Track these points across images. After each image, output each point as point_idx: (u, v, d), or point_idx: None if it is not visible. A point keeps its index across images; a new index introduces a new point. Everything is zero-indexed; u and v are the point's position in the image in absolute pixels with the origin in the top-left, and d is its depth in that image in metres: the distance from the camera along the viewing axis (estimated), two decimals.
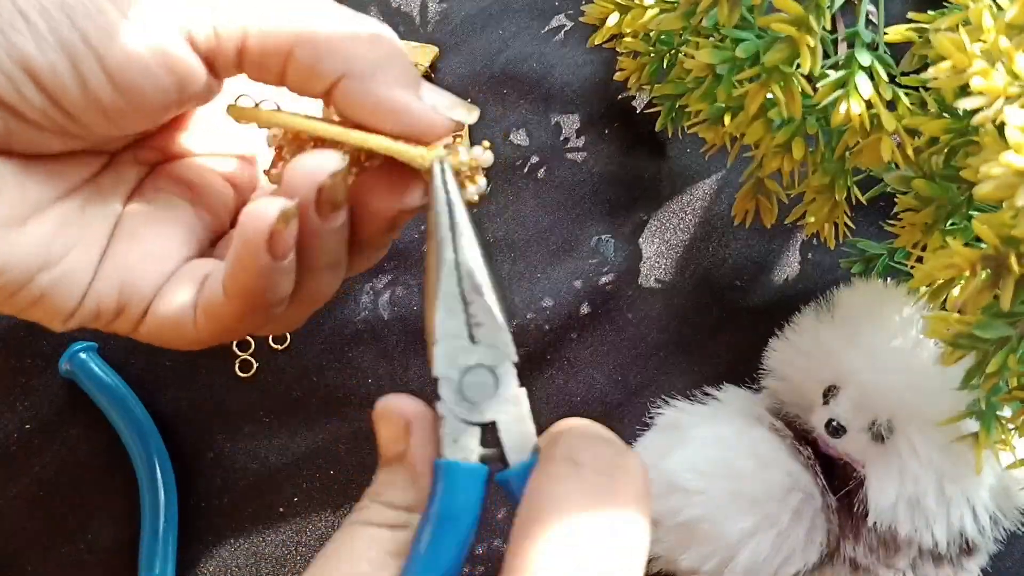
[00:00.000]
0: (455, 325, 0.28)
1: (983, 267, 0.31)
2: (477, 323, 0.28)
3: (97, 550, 0.47)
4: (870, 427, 0.41)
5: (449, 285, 0.28)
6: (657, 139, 0.52)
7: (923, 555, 0.41)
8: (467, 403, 0.28)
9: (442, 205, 0.29)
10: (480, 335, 0.28)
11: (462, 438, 0.28)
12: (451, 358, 0.28)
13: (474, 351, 0.28)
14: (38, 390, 0.48)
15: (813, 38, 0.36)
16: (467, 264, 0.28)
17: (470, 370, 0.28)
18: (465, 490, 0.27)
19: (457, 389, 0.28)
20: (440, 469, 0.27)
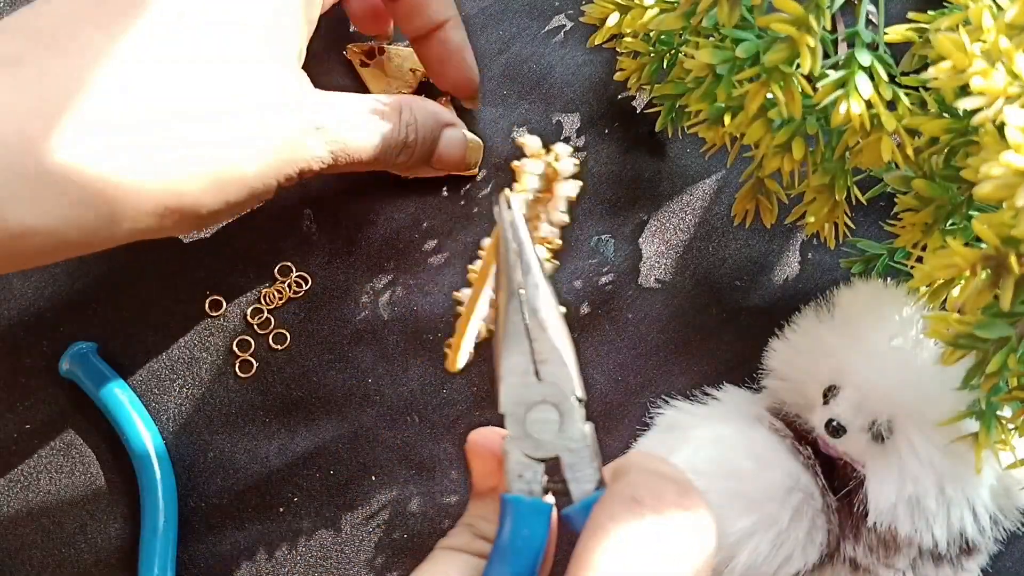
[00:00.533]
0: (520, 362, 0.29)
1: (983, 267, 0.31)
2: (542, 360, 0.29)
3: (97, 550, 0.47)
4: (870, 427, 0.41)
5: (515, 322, 0.29)
6: (657, 139, 0.52)
7: (923, 555, 0.41)
8: (532, 439, 0.29)
9: (510, 242, 0.30)
10: (545, 372, 0.29)
11: (527, 473, 0.28)
12: (516, 395, 0.29)
13: (539, 388, 0.29)
14: (38, 390, 0.48)
15: (813, 38, 0.36)
16: (533, 301, 0.29)
17: (535, 406, 0.29)
18: (529, 524, 0.27)
19: (522, 425, 0.29)
20: (506, 503, 0.28)
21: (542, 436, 0.29)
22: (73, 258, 0.48)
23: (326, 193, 0.50)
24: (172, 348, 0.48)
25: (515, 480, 0.28)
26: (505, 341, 0.29)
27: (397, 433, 0.49)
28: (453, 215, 0.50)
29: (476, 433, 0.30)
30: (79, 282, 0.48)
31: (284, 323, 0.49)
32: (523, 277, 0.29)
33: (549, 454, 0.28)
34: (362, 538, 0.48)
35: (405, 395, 0.49)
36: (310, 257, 0.50)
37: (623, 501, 0.26)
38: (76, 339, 0.47)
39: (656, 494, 0.26)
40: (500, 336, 0.29)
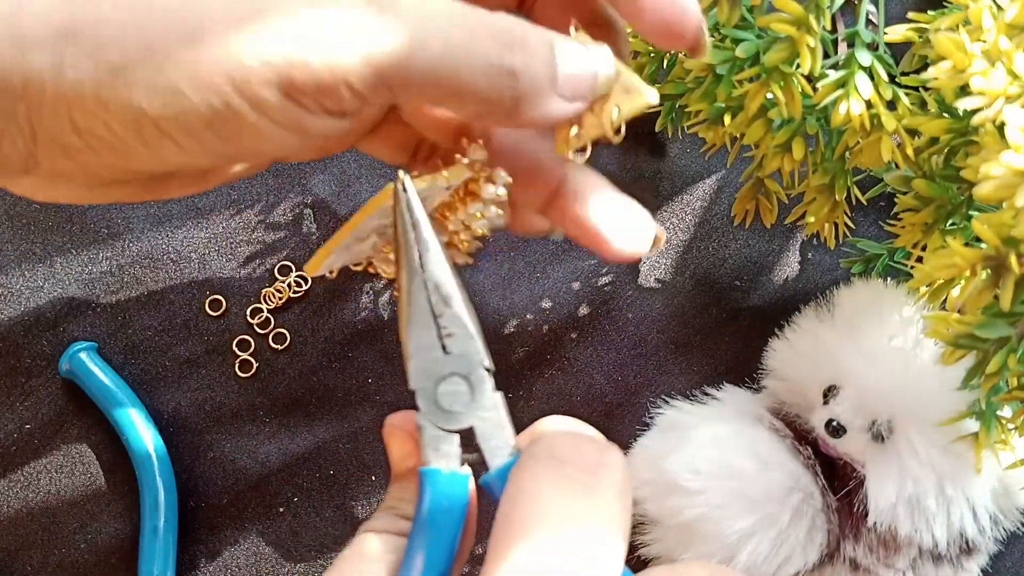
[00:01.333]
0: (427, 338, 0.29)
1: (983, 267, 0.31)
2: (448, 334, 0.29)
3: (97, 550, 0.47)
4: (870, 427, 0.41)
5: (418, 299, 0.29)
6: (657, 139, 0.52)
7: (923, 555, 0.41)
8: (443, 412, 0.29)
9: (406, 222, 0.30)
10: (452, 345, 0.29)
11: (442, 446, 0.29)
12: (425, 370, 0.29)
13: (447, 361, 0.29)
14: (38, 390, 0.48)
15: (813, 38, 0.36)
16: (434, 277, 0.29)
17: (444, 379, 0.29)
18: (447, 495, 0.28)
19: (433, 399, 0.29)
20: (423, 476, 0.28)
21: (453, 408, 0.29)
22: (73, 257, 0.48)
23: (326, 193, 0.50)
24: (172, 348, 0.48)
25: (431, 454, 0.28)
26: (411, 318, 0.29)
27: None
28: None
29: (392, 416, 0.30)
30: (79, 282, 0.48)
31: (284, 323, 0.49)
32: (423, 254, 0.29)
33: (462, 425, 0.29)
34: None
35: (405, 395, 0.48)
36: (310, 257, 0.49)
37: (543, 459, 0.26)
38: (76, 339, 0.47)
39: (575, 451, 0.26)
40: (405, 314, 0.29)
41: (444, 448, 0.29)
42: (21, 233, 0.48)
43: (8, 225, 0.48)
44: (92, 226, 0.49)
